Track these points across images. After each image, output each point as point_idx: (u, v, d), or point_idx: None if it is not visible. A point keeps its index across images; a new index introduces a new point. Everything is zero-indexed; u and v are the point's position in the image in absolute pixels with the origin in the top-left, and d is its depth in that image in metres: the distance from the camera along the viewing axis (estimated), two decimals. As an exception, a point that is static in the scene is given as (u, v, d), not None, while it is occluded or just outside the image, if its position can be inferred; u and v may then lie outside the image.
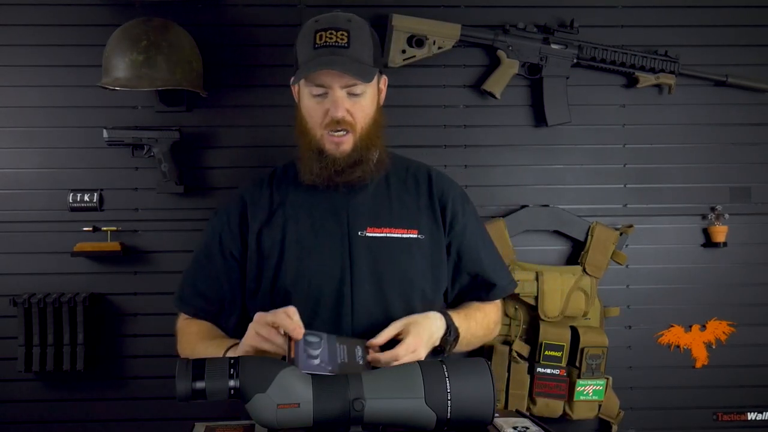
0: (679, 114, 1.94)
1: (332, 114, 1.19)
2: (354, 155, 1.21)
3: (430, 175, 1.34)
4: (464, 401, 0.91)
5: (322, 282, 1.22)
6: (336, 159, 1.21)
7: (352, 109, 1.20)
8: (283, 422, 0.89)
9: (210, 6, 1.85)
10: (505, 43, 1.86)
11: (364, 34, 1.21)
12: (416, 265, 1.25)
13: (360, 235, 1.24)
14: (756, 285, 1.94)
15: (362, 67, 1.18)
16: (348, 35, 1.18)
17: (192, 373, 0.90)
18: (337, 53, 1.17)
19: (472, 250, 1.31)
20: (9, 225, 1.83)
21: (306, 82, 1.20)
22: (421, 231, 1.27)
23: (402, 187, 1.30)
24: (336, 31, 1.19)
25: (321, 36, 1.19)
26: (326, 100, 1.19)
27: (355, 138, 1.21)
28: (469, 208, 1.35)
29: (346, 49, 1.18)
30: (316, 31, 1.20)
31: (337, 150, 1.21)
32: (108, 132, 1.79)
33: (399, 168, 1.33)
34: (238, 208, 1.29)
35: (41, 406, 1.82)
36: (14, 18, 1.83)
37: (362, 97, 1.21)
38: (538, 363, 1.80)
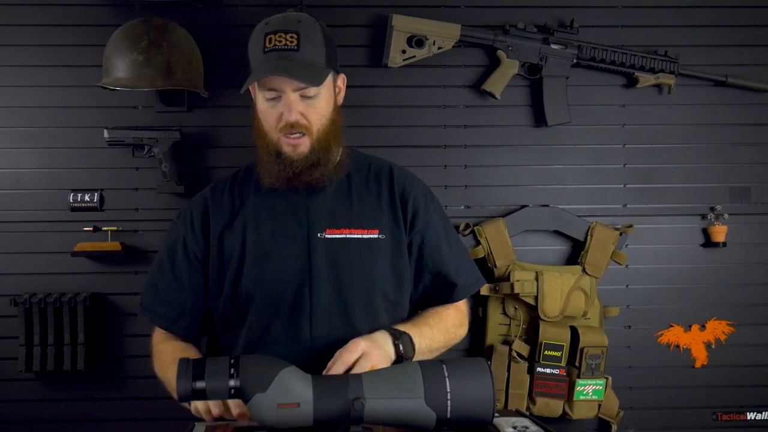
0: (679, 114, 1.94)
1: (286, 118, 1.18)
2: (312, 157, 1.20)
3: (391, 172, 1.31)
4: (464, 401, 0.91)
5: (282, 285, 1.21)
6: (294, 161, 1.20)
7: (306, 111, 1.19)
8: (283, 422, 0.90)
9: (210, 6, 1.85)
10: (505, 43, 1.86)
11: (315, 34, 1.19)
12: (377, 266, 1.23)
13: (319, 236, 1.22)
14: (755, 285, 1.94)
15: (312, 70, 1.17)
16: (298, 37, 1.16)
17: (192, 373, 0.90)
18: (286, 57, 1.15)
19: (433, 248, 1.28)
20: (9, 225, 1.83)
21: (258, 86, 1.20)
22: (382, 231, 1.25)
23: (363, 187, 1.29)
24: (285, 33, 1.17)
25: (270, 39, 1.17)
26: (280, 104, 1.18)
27: (311, 140, 1.20)
28: (432, 206, 1.32)
29: (296, 52, 1.16)
30: (265, 34, 1.18)
31: (295, 152, 1.20)
32: (108, 132, 1.79)
33: (361, 167, 1.31)
34: (201, 211, 1.28)
35: (41, 406, 1.83)
36: (14, 18, 1.83)
37: (316, 99, 1.20)
38: (538, 363, 1.80)
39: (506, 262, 1.84)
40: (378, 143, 1.88)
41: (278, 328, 1.19)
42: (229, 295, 1.23)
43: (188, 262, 1.26)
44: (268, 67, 1.16)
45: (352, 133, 1.86)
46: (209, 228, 1.26)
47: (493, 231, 1.84)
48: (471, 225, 1.86)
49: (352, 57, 1.88)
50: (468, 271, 1.33)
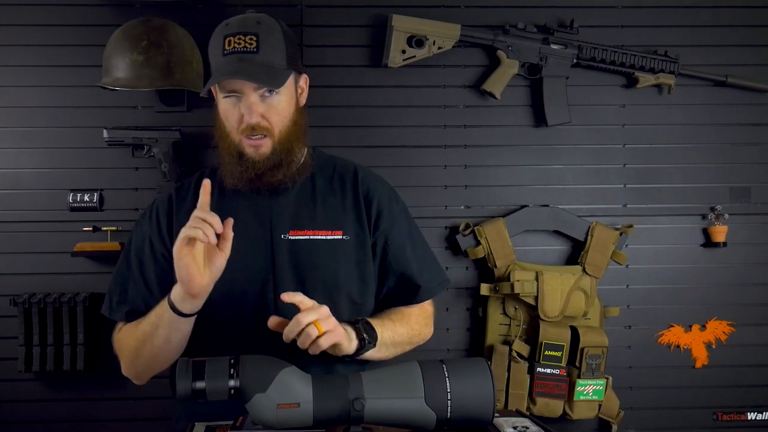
0: (679, 114, 1.94)
1: (246, 120, 1.18)
2: (273, 158, 1.20)
3: (356, 173, 1.31)
4: (464, 401, 0.91)
5: (246, 286, 1.21)
6: (255, 162, 1.20)
7: (266, 113, 1.19)
8: (283, 422, 0.89)
9: (210, 6, 1.85)
10: (504, 43, 1.86)
11: (274, 35, 1.19)
12: (341, 266, 1.23)
13: (282, 238, 1.22)
14: (756, 285, 1.94)
15: (272, 72, 1.16)
16: (257, 39, 1.16)
17: (192, 373, 0.90)
18: (245, 59, 1.15)
19: (397, 249, 1.28)
20: (9, 225, 1.83)
21: (219, 88, 1.20)
22: (346, 232, 1.25)
23: (327, 188, 1.28)
24: (244, 35, 1.16)
25: (230, 41, 1.17)
26: (240, 105, 1.18)
27: (273, 141, 1.20)
28: (397, 207, 1.31)
29: (255, 54, 1.16)
30: (225, 36, 1.18)
31: (256, 153, 1.20)
32: (108, 132, 1.79)
33: (325, 168, 1.31)
34: (166, 210, 1.28)
35: (41, 406, 1.83)
36: (14, 18, 1.83)
37: (277, 100, 1.19)
38: (538, 363, 1.80)
39: (506, 262, 1.84)
40: (378, 143, 1.88)
41: (242, 330, 1.19)
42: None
43: (155, 262, 1.25)
44: (228, 69, 1.16)
45: (353, 133, 1.89)
46: (174, 227, 1.25)
47: (493, 231, 1.84)
48: (471, 225, 1.86)
49: (352, 57, 1.88)
50: (432, 273, 1.32)
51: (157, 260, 1.25)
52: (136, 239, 1.29)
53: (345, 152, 1.87)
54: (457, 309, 1.91)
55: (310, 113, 1.87)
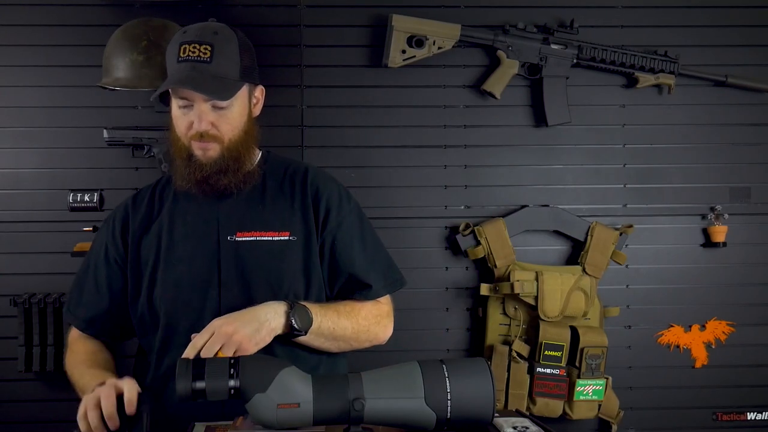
0: (679, 114, 1.94)
1: (196, 127, 1.20)
2: (221, 163, 1.22)
3: (306, 174, 1.31)
4: (464, 401, 0.91)
5: (191, 288, 1.22)
6: (203, 165, 1.21)
7: (217, 122, 1.20)
8: (283, 422, 0.90)
9: (210, 6, 1.85)
10: (504, 43, 1.86)
11: (230, 47, 1.21)
12: (287, 267, 1.23)
13: (229, 239, 1.23)
14: (755, 285, 1.94)
15: (223, 84, 1.18)
16: (211, 50, 1.18)
17: (192, 373, 0.90)
18: (197, 69, 1.17)
19: (344, 249, 1.27)
20: (9, 225, 1.83)
21: (172, 93, 1.22)
22: (293, 233, 1.25)
23: (277, 191, 1.29)
24: (200, 45, 1.18)
25: (185, 49, 1.19)
26: (191, 112, 1.20)
27: (222, 147, 1.22)
28: (347, 207, 1.31)
29: (208, 64, 1.18)
30: (180, 43, 1.20)
31: (204, 156, 1.21)
32: (108, 132, 1.79)
33: (277, 171, 1.32)
34: (122, 217, 1.30)
35: (41, 406, 1.83)
36: (14, 18, 1.83)
37: (228, 110, 1.21)
38: (538, 363, 1.80)
39: (506, 262, 1.84)
40: (378, 143, 1.88)
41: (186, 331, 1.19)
42: (146, 300, 1.24)
43: (108, 267, 1.28)
44: (179, 77, 1.18)
45: (353, 133, 1.89)
46: (128, 233, 1.28)
47: (493, 231, 1.84)
48: (471, 225, 1.86)
49: (352, 57, 1.88)
50: (381, 272, 1.31)
51: (109, 265, 1.28)
52: (94, 245, 1.33)
53: (345, 152, 1.88)
54: (457, 309, 1.91)
55: (310, 113, 1.88)
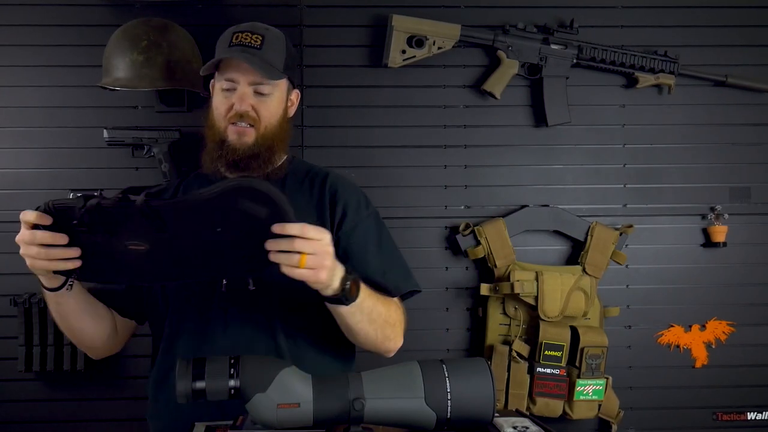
0: (679, 114, 1.94)
1: (237, 107, 1.24)
2: (254, 149, 1.24)
3: (326, 177, 1.33)
4: (464, 401, 0.91)
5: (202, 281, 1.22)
6: (236, 149, 1.24)
7: (257, 106, 1.25)
8: (283, 422, 0.90)
9: (210, 6, 1.85)
10: (504, 43, 1.86)
11: (278, 42, 1.28)
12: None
13: None
14: (756, 285, 1.94)
15: (269, 67, 1.24)
16: (262, 39, 1.25)
17: (192, 373, 0.90)
18: (248, 51, 1.23)
19: (359, 252, 1.26)
20: (9, 225, 1.82)
21: (217, 76, 1.27)
22: None
23: (296, 189, 1.30)
24: (252, 33, 1.25)
25: (237, 36, 1.25)
26: (233, 95, 1.25)
27: (257, 134, 1.25)
28: (364, 211, 1.30)
29: (258, 50, 1.24)
30: (233, 32, 1.27)
31: (239, 140, 1.24)
32: (108, 132, 1.79)
33: (298, 172, 1.33)
34: None
35: (41, 406, 1.83)
36: (14, 18, 1.83)
37: (269, 97, 1.26)
38: (538, 363, 1.80)
39: (506, 262, 1.84)
40: (378, 143, 1.88)
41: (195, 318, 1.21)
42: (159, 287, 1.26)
43: None
44: (229, 52, 1.23)
45: (353, 133, 1.88)
46: None
47: (493, 231, 1.84)
48: (471, 225, 1.86)
49: (352, 57, 1.88)
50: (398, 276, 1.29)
51: None
52: None
53: (345, 152, 1.88)
54: (457, 309, 1.91)
55: (310, 113, 1.88)
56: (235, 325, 1.20)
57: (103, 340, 1.25)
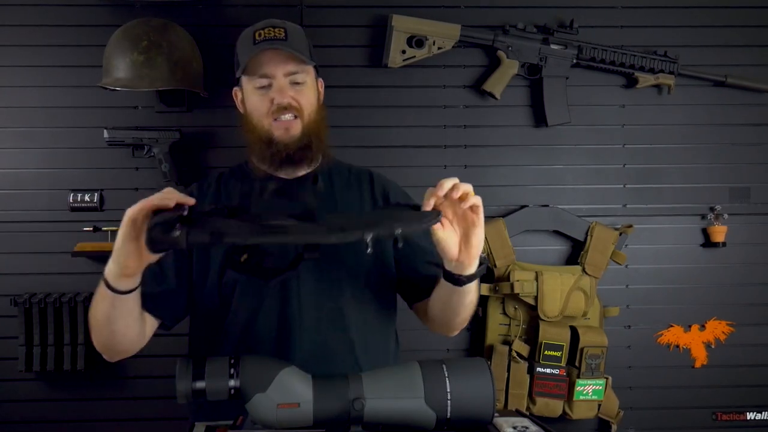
0: (679, 114, 1.94)
1: (278, 100, 1.22)
2: (303, 139, 1.23)
3: (371, 176, 1.35)
4: (464, 401, 0.91)
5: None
6: (287, 144, 1.23)
7: (296, 96, 1.24)
8: (283, 422, 0.90)
9: (210, 6, 1.86)
10: (504, 43, 1.86)
11: (299, 32, 1.28)
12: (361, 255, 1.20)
13: None
14: (755, 285, 1.94)
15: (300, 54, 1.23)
16: (285, 31, 1.24)
17: (192, 373, 0.90)
18: (276, 44, 1.22)
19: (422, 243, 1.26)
20: (9, 225, 1.83)
21: (249, 76, 1.25)
22: None
23: (345, 185, 1.31)
24: (274, 28, 1.24)
25: (260, 33, 1.24)
26: (271, 91, 1.23)
27: (302, 123, 1.24)
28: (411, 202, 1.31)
29: (284, 41, 1.23)
30: (254, 31, 1.25)
31: (287, 135, 1.23)
32: (108, 132, 1.79)
33: (341, 170, 1.35)
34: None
35: (41, 406, 1.83)
36: (14, 18, 1.83)
37: (304, 85, 1.25)
38: (538, 363, 1.80)
39: (506, 262, 1.84)
40: (378, 143, 1.88)
41: (264, 316, 1.19)
42: (215, 285, 1.22)
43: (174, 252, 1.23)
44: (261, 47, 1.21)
45: (353, 133, 1.88)
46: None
47: (493, 231, 1.84)
48: (471, 225, 1.86)
49: (352, 57, 1.88)
50: None
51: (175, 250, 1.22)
52: None
53: (345, 152, 1.87)
54: (457, 309, 1.91)
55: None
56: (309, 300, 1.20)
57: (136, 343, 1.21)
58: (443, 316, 1.23)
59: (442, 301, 1.21)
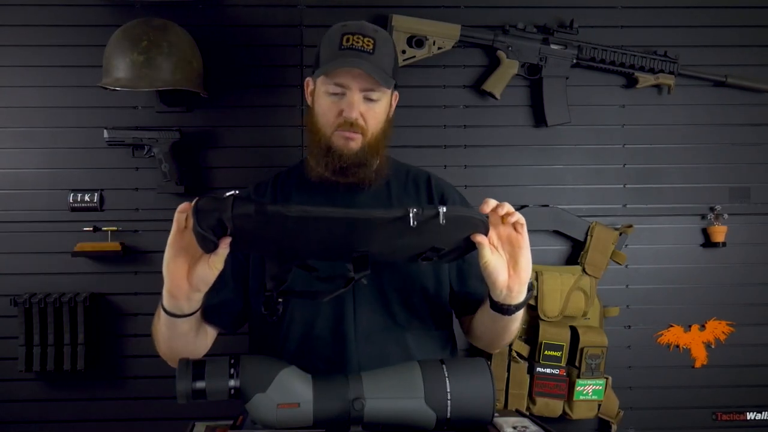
0: (679, 114, 1.94)
1: (346, 114, 1.21)
2: (360, 155, 1.22)
3: (429, 179, 1.35)
4: (464, 401, 0.91)
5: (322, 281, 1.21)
6: (343, 155, 1.22)
7: (366, 113, 1.22)
8: (283, 422, 0.90)
9: (210, 6, 1.86)
10: (504, 43, 1.86)
11: (388, 46, 1.25)
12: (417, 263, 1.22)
13: None
14: (755, 285, 1.94)
15: (383, 74, 1.21)
16: (374, 43, 1.21)
17: (192, 373, 0.90)
18: (362, 57, 1.19)
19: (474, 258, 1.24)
20: (9, 225, 1.83)
21: (325, 79, 1.22)
22: None
23: (402, 191, 1.31)
24: (363, 36, 1.21)
25: (348, 39, 1.21)
26: (342, 101, 1.21)
27: (364, 141, 1.23)
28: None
29: (371, 54, 1.20)
30: (343, 33, 1.22)
31: (346, 146, 1.22)
32: (108, 132, 1.79)
33: (399, 174, 1.34)
34: None
35: (41, 406, 1.83)
36: (14, 18, 1.83)
37: (377, 103, 1.23)
38: (538, 363, 1.80)
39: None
40: (378, 143, 1.88)
41: (320, 322, 1.20)
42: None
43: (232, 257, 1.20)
44: (344, 61, 1.19)
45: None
46: None
47: (493, 231, 1.84)
48: (471, 225, 1.86)
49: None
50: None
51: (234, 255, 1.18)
52: None
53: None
54: (457, 309, 1.91)
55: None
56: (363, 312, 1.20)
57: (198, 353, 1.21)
58: (485, 337, 1.26)
59: (485, 326, 1.21)
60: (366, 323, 1.20)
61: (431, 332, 1.26)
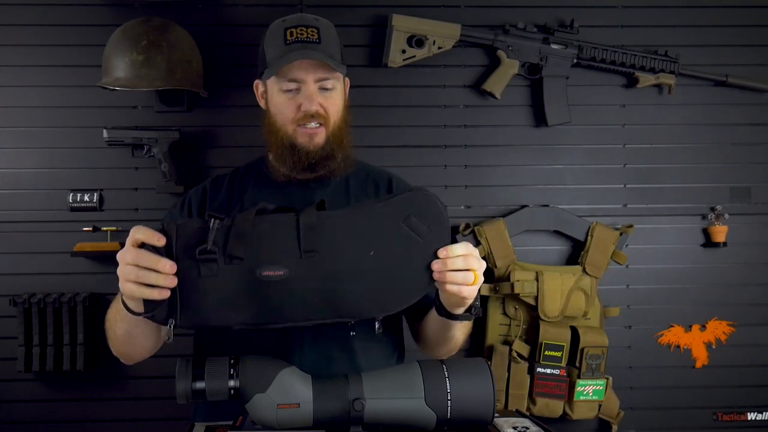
0: (679, 114, 1.94)
1: (306, 108, 1.19)
2: (327, 148, 1.21)
3: (390, 180, 1.32)
4: (464, 401, 0.91)
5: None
6: (309, 152, 1.21)
7: (324, 103, 1.21)
8: (283, 422, 0.90)
9: (210, 6, 1.85)
10: (505, 43, 1.86)
11: (331, 32, 1.24)
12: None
13: None
14: (756, 285, 1.94)
15: (332, 60, 1.20)
16: (318, 32, 1.20)
17: (192, 373, 0.90)
18: (309, 47, 1.18)
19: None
20: (9, 225, 1.83)
21: (277, 78, 1.21)
22: None
23: (361, 190, 1.29)
24: (306, 28, 1.20)
25: (292, 32, 1.20)
26: (298, 96, 1.20)
27: (327, 131, 1.22)
28: None
29: (318, 44, 1.19)
30: (285, 28, 1.21)
31: (311, 143, 1.21)
32: (108, 132, 1.79)
33: (359, 172, 1.32)
34: (198, 200, 1.28)
35: (41, 406, 1.82)
36: (14, 18, 1.83)
37: (333, 91, 1.22)
38: (538, 363, 1.80)
39: (506, 262, 1.84)
40: (378, 143, 1.88)
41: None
42: None
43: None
44: (294, 55, 1.17)
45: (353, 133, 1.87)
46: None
47: (493, 231, 1.84)
48: (471, 225, 1.86)
49: (352, 57, 1.87)
50: None
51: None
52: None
53: (345, 152, 1.88)
54: (457, 309, 1.90)
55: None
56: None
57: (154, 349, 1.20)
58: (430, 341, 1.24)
59: (431, 330, 1.20)
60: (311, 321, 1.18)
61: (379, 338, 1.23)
